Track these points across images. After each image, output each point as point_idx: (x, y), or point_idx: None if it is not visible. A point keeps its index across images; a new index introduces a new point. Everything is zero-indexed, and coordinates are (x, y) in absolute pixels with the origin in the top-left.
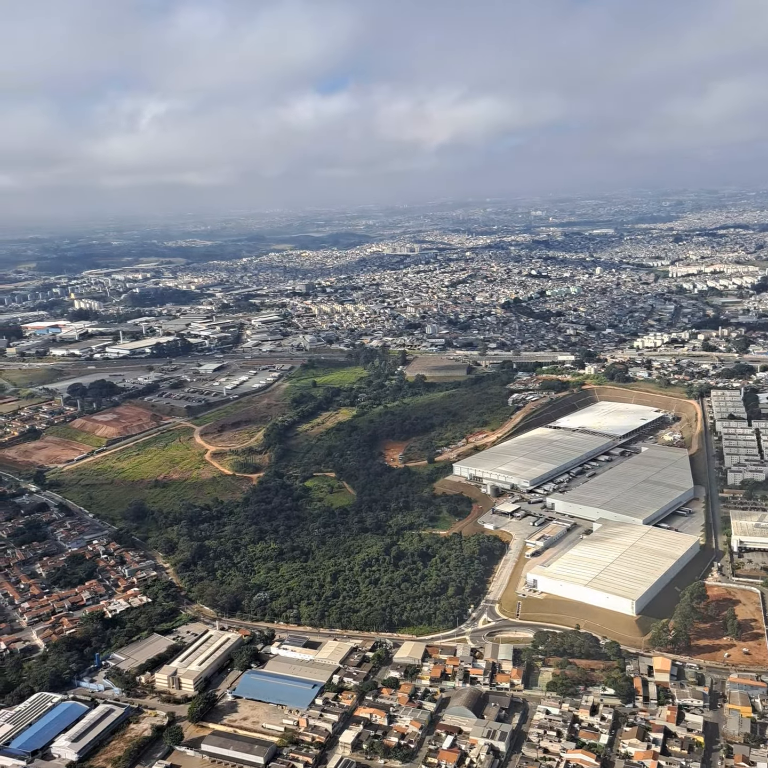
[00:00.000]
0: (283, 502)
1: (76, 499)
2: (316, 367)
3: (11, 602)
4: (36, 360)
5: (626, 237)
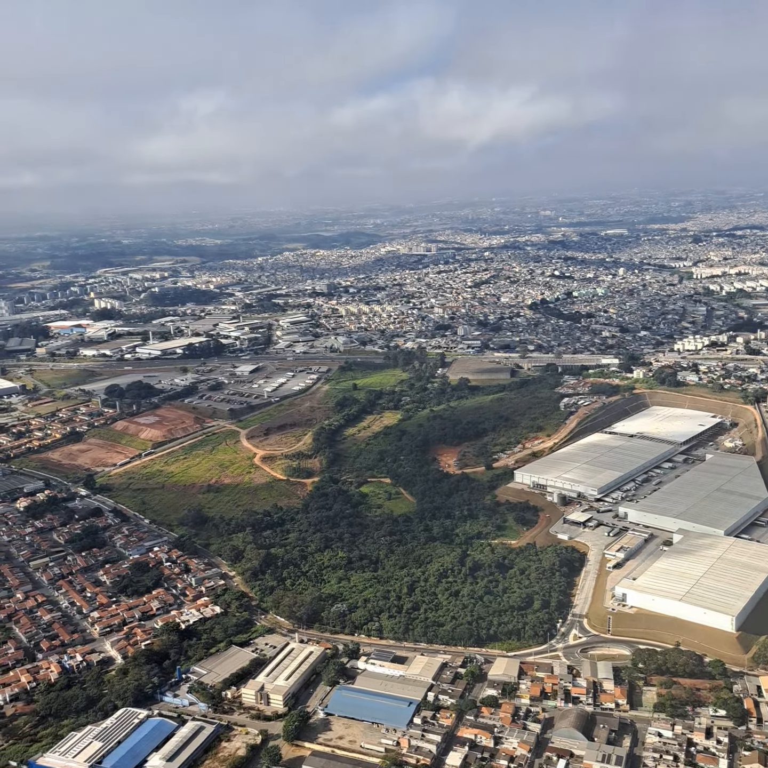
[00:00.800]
0: (343, 509)
1: (129, 504)
2: (353, 370)
3: (79, 611)
4: (66, 360)
5: (643, 238)
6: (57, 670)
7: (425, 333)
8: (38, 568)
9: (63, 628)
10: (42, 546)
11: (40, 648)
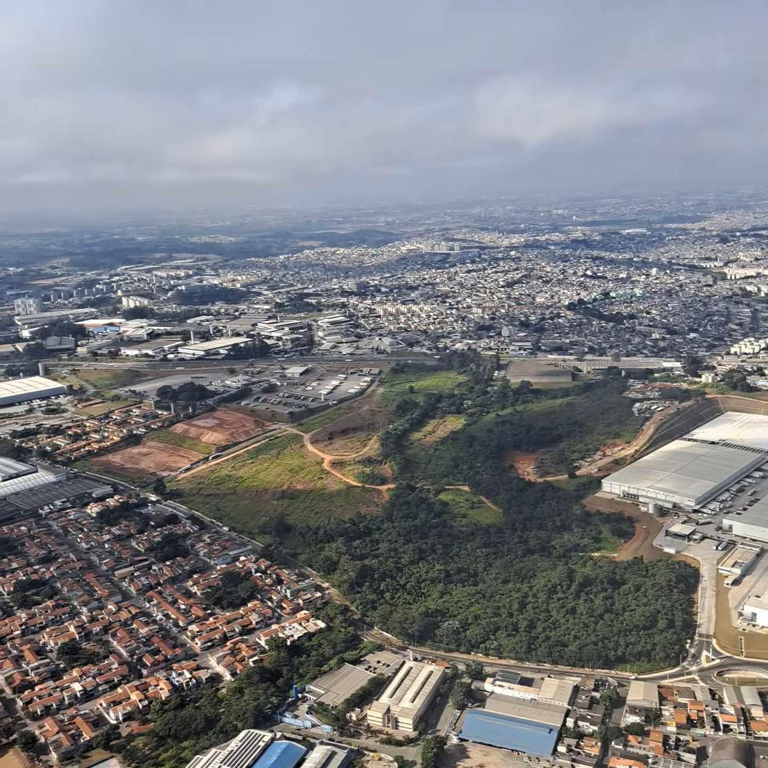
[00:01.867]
0: (429, 518)
1: (203, 510)
2: (405, 372)
3: (175, 624)
4: (108, 360)
5: (667, 237)
6: (167, 687)
7: (469, 334)
8: (123, 578)
9: (163, 642)
10: (123, 554)
11: (143, 663)
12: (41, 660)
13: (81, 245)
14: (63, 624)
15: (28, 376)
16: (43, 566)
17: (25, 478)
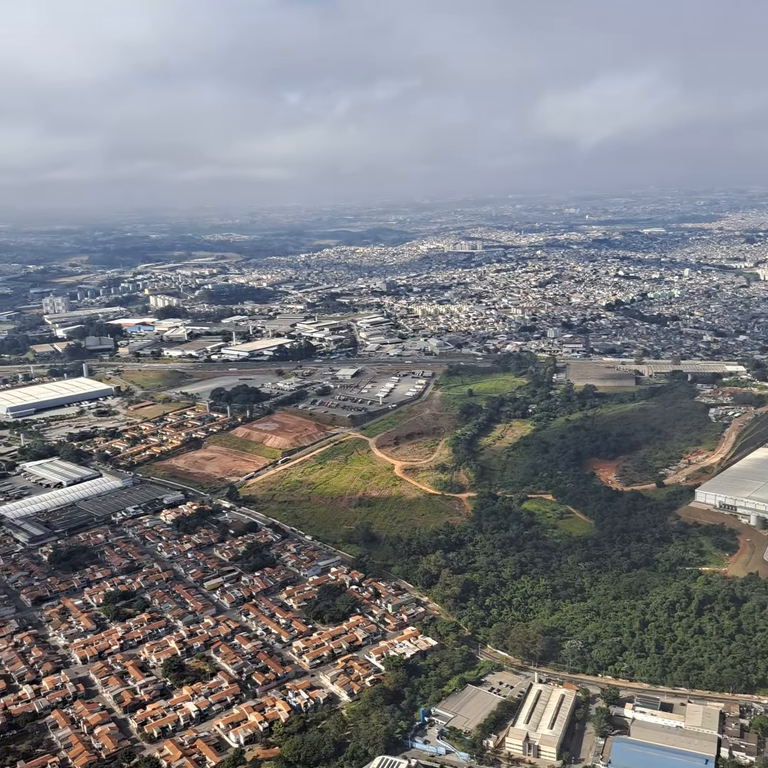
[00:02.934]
0: (521, 530)
1: (280, 517)
2: (460, 374)
3: (278, 640)
4: (151, 360)
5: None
6: (285, 708)
7: (513, 335)
8: (213, 590)
9: (270, 659)
10: (208, 564)
11: (253, 682)
12: (148, 677)
13: (94, 243)
14: (162, 638)
15: (71, 377)
16: (128, 577)
17: (91, 483)
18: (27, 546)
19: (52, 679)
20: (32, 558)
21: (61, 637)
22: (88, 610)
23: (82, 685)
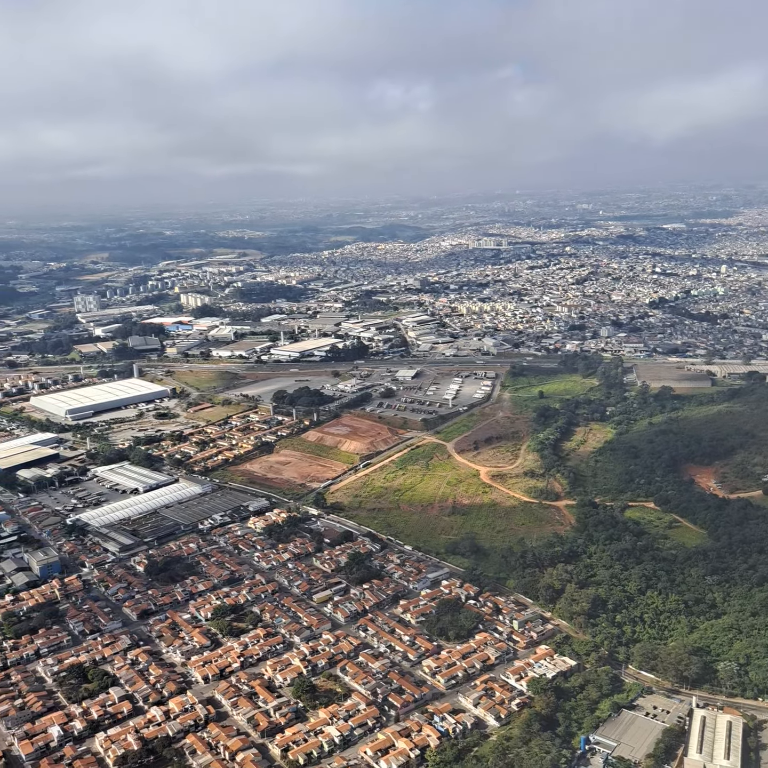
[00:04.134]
0: (634, 540)
1: (372, 525)
2: (525, 375)
3: (405, 658)
4: (200, 361)
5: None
6: (435, 734)
7: (566, 333)
8: (323, 603)
9: (403, 678)
10: (312, 576)
11: (390, 704)
12: (279, 698)
13: (108, 239)
14: (282, 656)
15: (121, 378)
16: (232, 589)
17: (169, 489)
18: (118, 556)
19: (179, 700)
20: (127, 569)
21: (177, 654)
22: (199, 625)
23: (211, 706)
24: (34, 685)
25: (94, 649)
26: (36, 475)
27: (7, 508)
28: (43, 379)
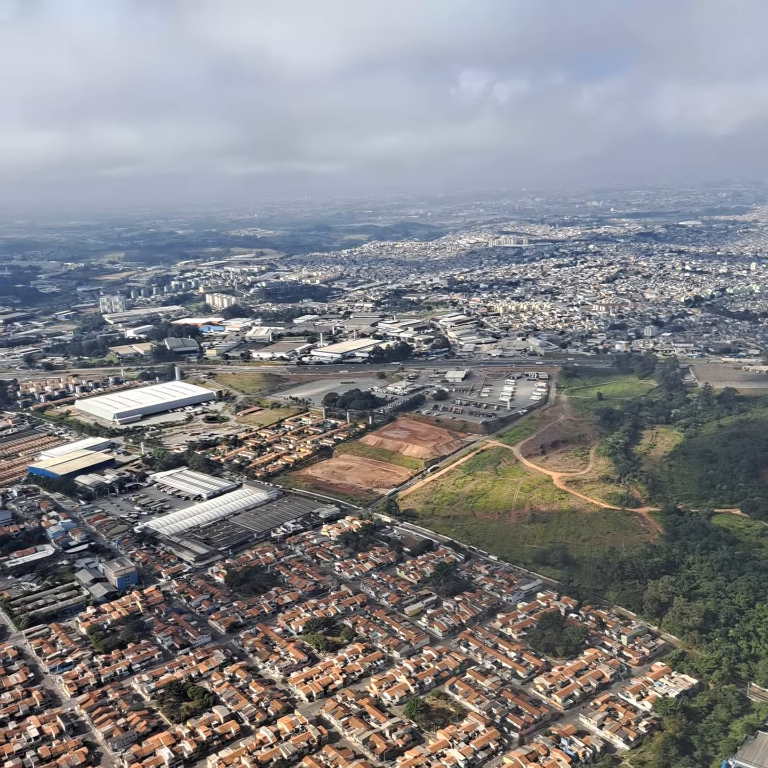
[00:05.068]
0: (732, 550)
1: (451, 534)
2: (578, 376)
3: (514, 675)
4: (241, 363)
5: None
6: (565, 759)
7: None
8: (416, 616)
9: (518, 697)
10: (399, 587)
11: (510, 725)
12: (391, 718)
13: (119, 239)
14: (386, 672)
15: (162, 381)
16: (320, 601)
17: (234, 496)
18: (194, 566)
19: (288, 720)
20: (206, 579)
21: (275, 670)
22: (292, 639)
23: (322, 727)
24: (133, 704)
25: (188, 664)
26: (95, 481)
27: (71, 516)
28: (84, 382)
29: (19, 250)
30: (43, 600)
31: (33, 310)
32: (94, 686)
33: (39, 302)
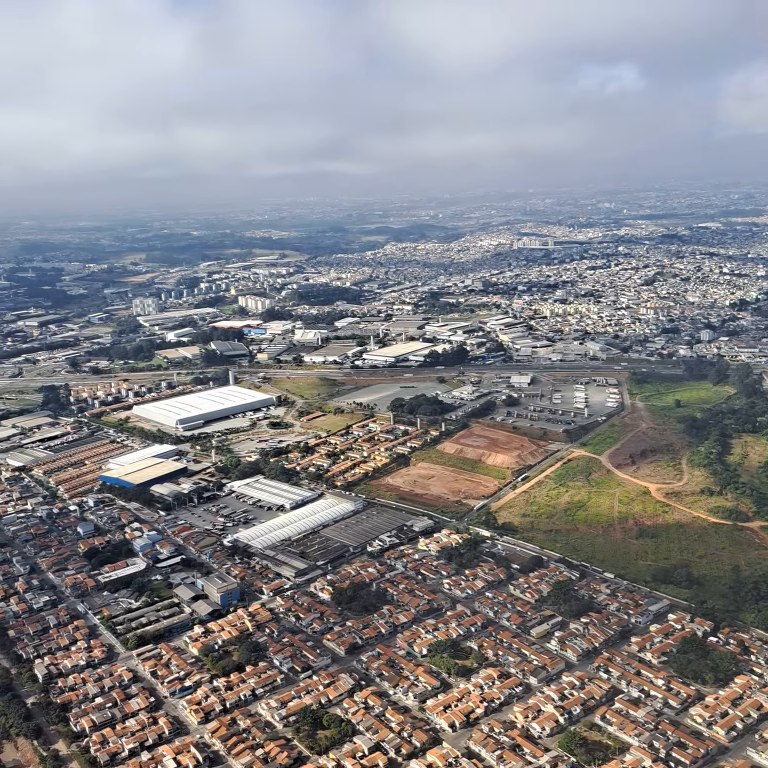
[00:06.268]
0: None
1: (557, 549)
2: (649, 382)
3: (666, 704)
4: (294, 367)
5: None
6: None
7: (669, 337)
8: (543, 638)
9: (678, 730)
10: (518, 606)
11: (676, 759)
12: (548, 753)
13: (134, 240)
14: (527, 701)
15: (216, 385)
16: (438, 621)
17: (319, 506)
18: (294, 582)
19: (439, 753)
20: (311, 596)
21: (408, 696)
22: (418, 663)
23: (476, 760)
24: (266, 732)
25: (315, 689)
26: (172, 490)
27: (154, 527)
28: (136, 387)
29: (35, 252)
30: (146, 618)
31: (66, 313)
32: (221, 712)
33: (68, 304)
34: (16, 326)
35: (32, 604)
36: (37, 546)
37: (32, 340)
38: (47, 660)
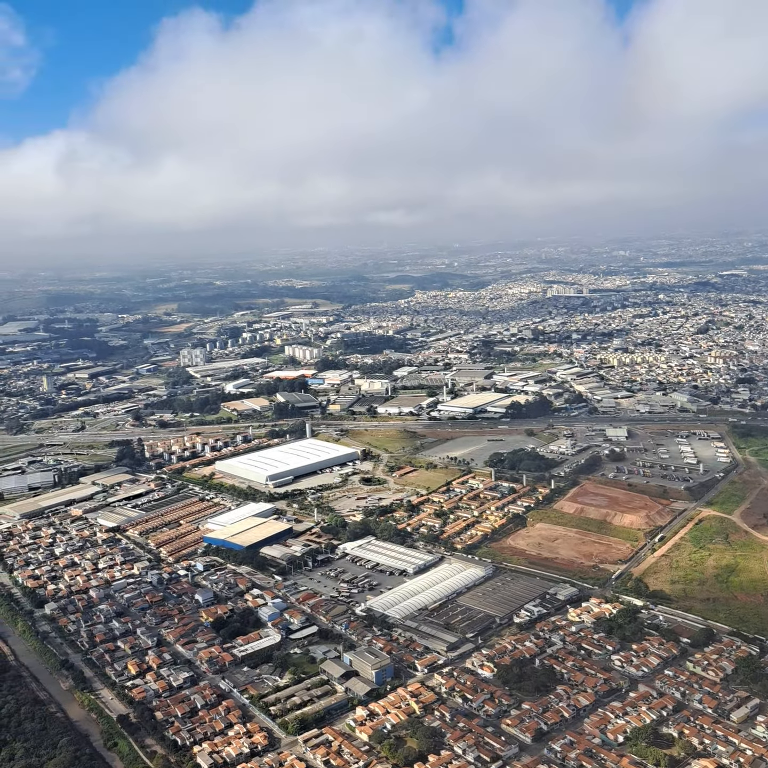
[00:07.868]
0: None
1: (721, 620)
2: (753, 435)
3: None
4: (368, 419)
5: None
6: None
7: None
8: (744, 723)
9: None
10: (704, 686)
11: None
12: None
13: (156, 290)
14: None
15: (293, 438)
16: (625, 704)
17: (447, 572)
18: (448, 657)
19: None
20: (470, 673)
21: None
22: (621, 753)
23: None
24: None
25: None
26: (285, 553)
27: (275, 594)
28: (211, 441)
29: (60, 303)
30: (299, 698)
31: (113, 364)
32: None
33: (112, 355)
34: (67, 378)
35: (171, 681)
36: (157, 615)
37: (86, 393)
38: (207, 747)
